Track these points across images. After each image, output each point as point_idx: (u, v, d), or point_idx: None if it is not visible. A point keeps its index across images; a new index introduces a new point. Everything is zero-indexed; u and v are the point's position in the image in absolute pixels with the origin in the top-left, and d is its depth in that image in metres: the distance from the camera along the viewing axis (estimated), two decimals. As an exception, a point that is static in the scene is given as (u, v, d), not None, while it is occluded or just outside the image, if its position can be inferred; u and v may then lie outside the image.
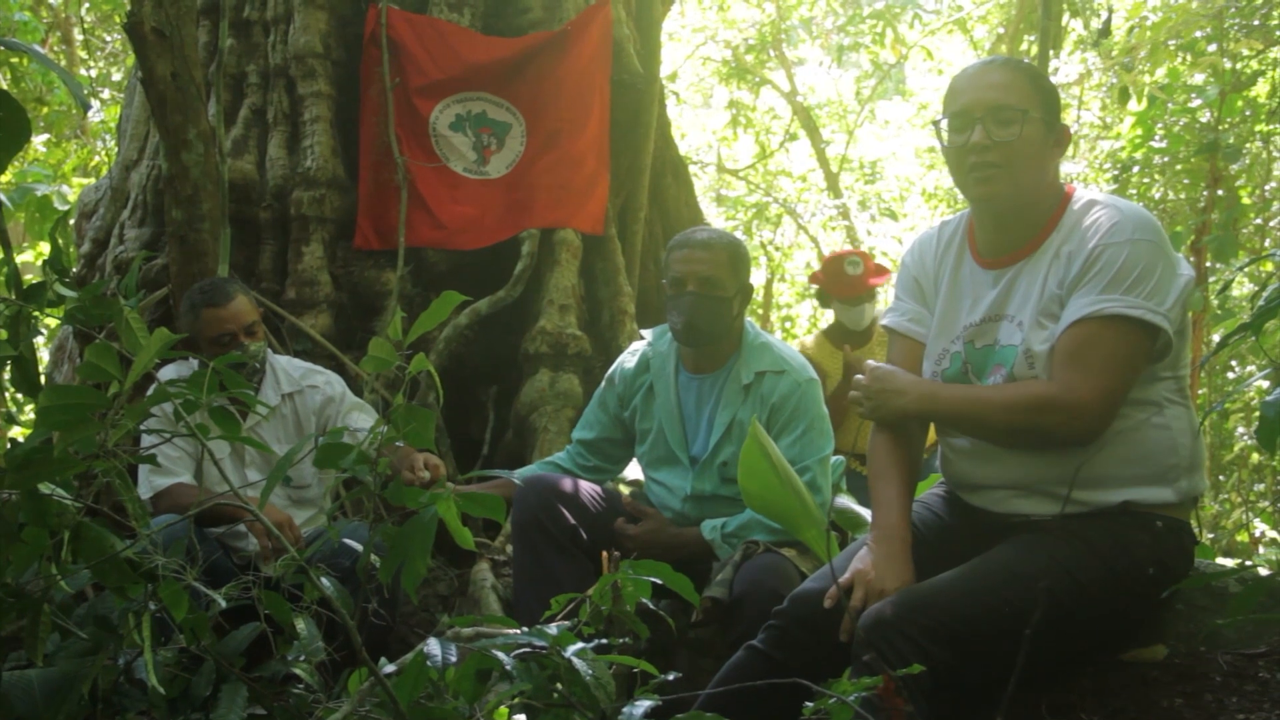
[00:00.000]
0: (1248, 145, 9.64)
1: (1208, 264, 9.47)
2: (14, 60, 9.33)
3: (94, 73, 13.58)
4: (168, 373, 3.92)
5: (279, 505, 3.93)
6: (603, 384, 3.96)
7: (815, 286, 5.96)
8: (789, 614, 2.62)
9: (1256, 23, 8.98)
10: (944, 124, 2.72)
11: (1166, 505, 2.62)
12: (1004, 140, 2.61)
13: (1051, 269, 2.63)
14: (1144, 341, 2.54)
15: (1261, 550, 9.38)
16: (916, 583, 2.56)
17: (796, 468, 3.48)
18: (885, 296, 6.17)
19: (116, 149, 6.75)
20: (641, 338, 3.99)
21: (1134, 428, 2.60)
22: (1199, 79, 9.64)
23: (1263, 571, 3.04)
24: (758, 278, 16.45)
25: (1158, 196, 10.17)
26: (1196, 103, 9.38)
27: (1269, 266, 7.88)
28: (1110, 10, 10.84)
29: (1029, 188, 2.66)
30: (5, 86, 9.38)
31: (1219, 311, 8.98)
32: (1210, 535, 9.75)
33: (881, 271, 5.75)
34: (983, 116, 2.63)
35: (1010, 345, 2.67)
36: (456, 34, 5.92)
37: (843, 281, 5.70)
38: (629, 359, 3.90)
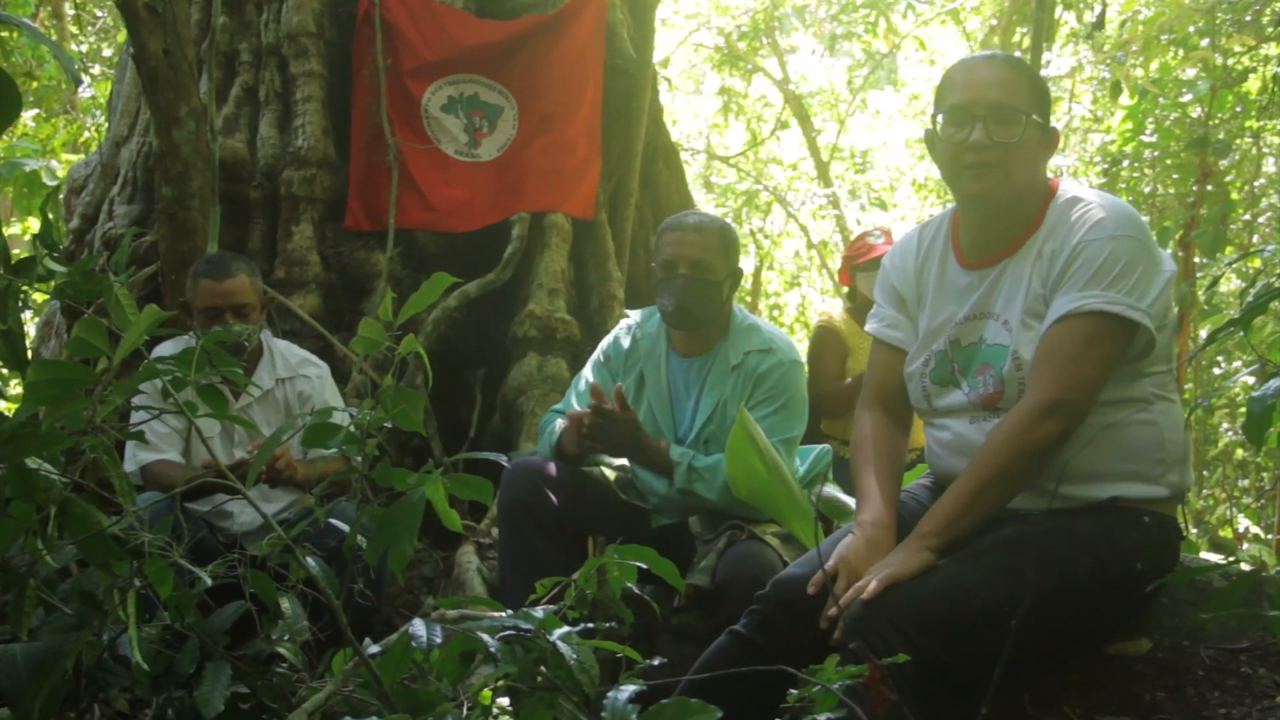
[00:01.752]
0: (1238, 141, 9.67)
1: (1196, 259, 9.51)
2: (4, 34, 9.27)
3: (84, 48, 13.50)
4: (164, 349, 3.91)
5: (267, 488, 3.91)
6: (596, 360, 3.92)
7: (846, 288, 5.97)
8: (771, 599, 2.62)
9: (1248, 19, 9.00)
10: (940, 118, 2.69)
11: (1154, 500, 2.62)
12: (1004, 141, 2.60)
13: (1035, 268, 2.63)
14: (1120, 337, 2.53)
15: (1245, 546, 9.43)
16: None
17: None
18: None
19: (107, 125, 6.72)
20: (627, 317, 3.98)
21: (1121, 423, 2.60)
22: (1190, 74, 9.66)
23: (1246, 567, 3.06)
24: (747, 265, 16.46)
25: (1147, 191, 10.20)
26: (1187, 97, 9.40)
27: (1257, 262, 7.91)
28: (1104, 4, 10.83)
29: (1020, 188, 2.65)
30: (-5, 60, 9.33)
31: (1206, 307, 9.02)
32: (1195, 530, 9.80)
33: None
34: (984, 115, 2.60)
35: (999, 345, 2.66)
36: (450, 16, 5.91)
37: (863, 249, 5.74)
38: (622, 338, 3.87)
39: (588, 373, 3.92)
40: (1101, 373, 2.53)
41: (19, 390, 6.17)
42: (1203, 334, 9.77)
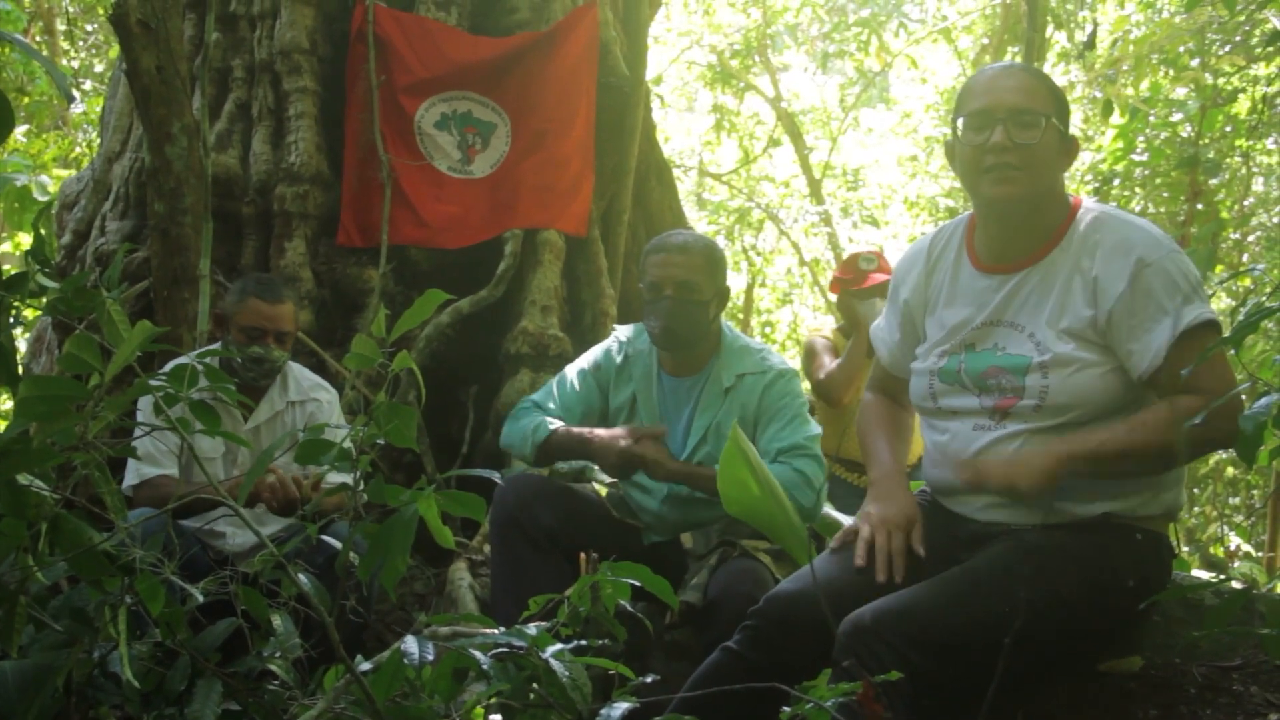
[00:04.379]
0: (1228, 160, 9.71)
1: (1187, 277, 9.51)
2: (-4, 50, 9.28)
3: (76, 64, 13.51)
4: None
5: (263, 510, 3.90)
6: (583, 368, 3.88)
7: (835, 296, 5.97)
8: (765, 615, 2.62)
9: (1238, 39, 9.04)
10: (960, 123, 2.70)
11: (1148, 518, 2.62)
12: (1025, 143, 2.61)
13: (1074, 284, 2.61)
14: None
15: (1237, 563, 9.43)
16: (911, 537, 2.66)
17: (795, 450, 3.50)
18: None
19: (99, 140, 6.72)
20: (616, 331, 3.95)
21: None
22: (1181, 93, 9.71)
23: (1237, 585, 3.07)
24: (739, 283, 16.49)
25: (1138, 209, 10.24)
26: (1178, 117, 9.45)
27: (1247, 281, 7.94)
28: (1095, 23, 10.89)
29: (1042, 194, 2.66)
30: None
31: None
32: (1186, 548, 9.81)
33: (889, 267, 5.75)
34: (1005, 118, 2.61)
35: (1020, 355, 2.64)
36: (443, 33, 5.92)
37: (858, 275, 5.74)
38: (614, 352, 3.84)
39: (573, 378, 3.86)
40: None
41: (10, 406, 6.16)
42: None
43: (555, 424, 3.70)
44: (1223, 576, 3.01)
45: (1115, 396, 2.58)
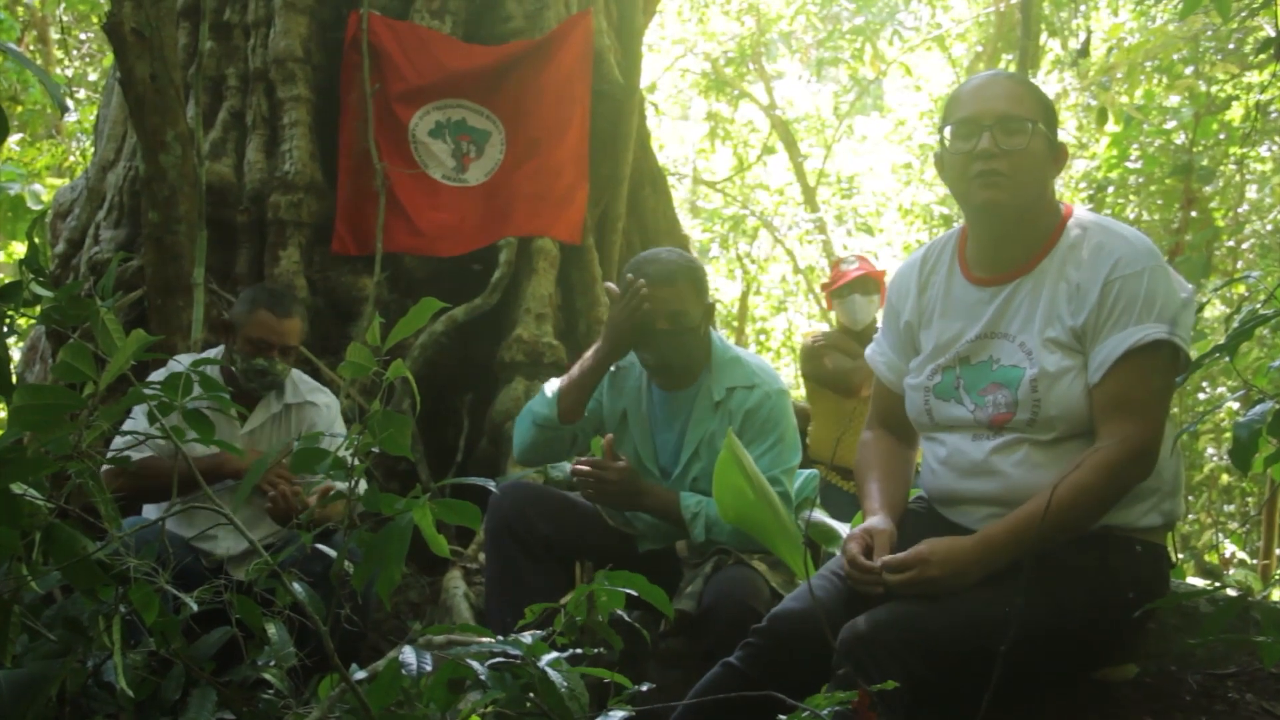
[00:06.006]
0: (1222, 168, 9.72)
1: (1181, 285, 9.52)
2: (-11, 59, 9.28)
3: (70, 72, 13.51)
4: (175, 367, 3.91)
5: (253, 515, 3.91)
6: None
7: (832, 312, 6.03)
8: (767, 633, 2.60)
9: (1231, 47, 9.07)
10: (948, 131, 2.69)
11: (1148, 529, 2.61)
12: (1011, 149, 2.60)
13: (1059, 292, 2.61)
14: (1175, 364, 2.54)
15: (1232, 571, 9.44)
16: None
17: (766, 477, 3.46)
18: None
19: (93, 149, 6.72)
20: None
21: None
22: (1175, 101, 9.72)
23: (1232, 592, 3.07)
24: (734, 290, 16.52)
25: (1132, 217, 10.26)
26: (1172, 124, 9.46)
27: (1241, 289, 7.95)
28: (1089, 31, 10.91)
29: (1031, 201, 2.64)
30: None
31: (1191, 333, 9.05)
32: (1180, 555, 9.82)
33: (870, 268, 5.77)
34: (991, 125, 2.60)
35: (1015, 367, 2.63)
36: (438, 41, 5.93)
37: (837, 275, 5.79)
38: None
39: None
40: (1167, 404, 2.55)
41: (4, 415, 6.15)
42: (1187, 359, 9.79)
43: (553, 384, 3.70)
44: (1218, 584, 3.01)
45: None
